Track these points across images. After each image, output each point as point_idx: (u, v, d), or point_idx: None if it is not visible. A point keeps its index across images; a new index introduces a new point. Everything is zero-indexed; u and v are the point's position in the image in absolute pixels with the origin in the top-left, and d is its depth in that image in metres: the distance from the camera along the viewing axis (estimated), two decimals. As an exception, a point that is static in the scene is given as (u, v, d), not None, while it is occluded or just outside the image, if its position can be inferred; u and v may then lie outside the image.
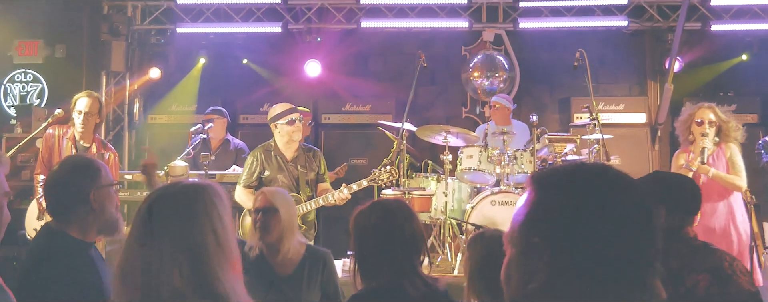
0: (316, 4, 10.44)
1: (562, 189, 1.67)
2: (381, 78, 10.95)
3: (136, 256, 2.32)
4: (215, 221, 2.36)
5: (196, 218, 2.34)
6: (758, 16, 10.23)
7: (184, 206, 2.36)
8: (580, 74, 8.39)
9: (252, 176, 6.77)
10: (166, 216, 2.34)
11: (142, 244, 2.32)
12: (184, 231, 2.31)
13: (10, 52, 10.85)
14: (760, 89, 10.45)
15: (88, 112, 6.91)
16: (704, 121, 6.51)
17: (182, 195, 2.40)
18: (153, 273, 2.26)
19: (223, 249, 2.34)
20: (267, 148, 6.85)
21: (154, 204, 2.38)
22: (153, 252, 2.28)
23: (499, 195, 7.96)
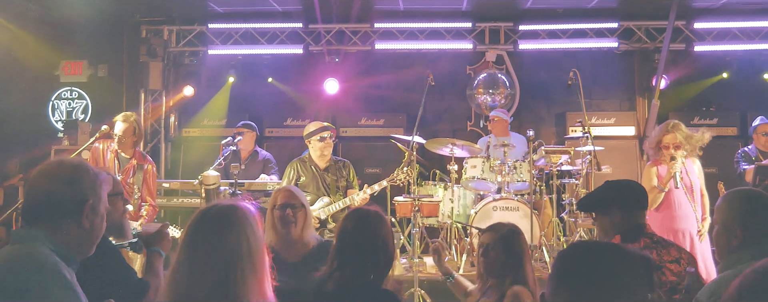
0: (334, 28, 10.51)
1: None
2: (393, 95, 10.96)
3: (182, 262, 2.55)
4: (249, 235, 2.58)
5: (231, 233, 2.56)
6: (737, 38, 10.26)
7: (222, 222, 2.59)
8: (574, 91, 8.45)
9: (290, 183, 6.94)
10: (209, 230, 2.57)
11: (187, 252, 2.55)
12: (221, 243, 2.53)
13: (57, 72, 10.93)
14: (740, 105, 10.45)
15: (122, 135, 7.04)
16: (669, 145, 6.47)
17: (222, 214, 2.62)
18: (193, 275, 2.50)
19: (252, 258, 2.56)
20: (303, 159, 7.19)
21: (199, 220, 2.62)
22: (195, 259, 2.52)
23: (500, 202, 8.08)
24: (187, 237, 2.59)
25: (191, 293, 2.48)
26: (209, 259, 2.50)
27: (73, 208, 2.53)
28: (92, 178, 2.61)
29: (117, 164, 7.18)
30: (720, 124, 10.25)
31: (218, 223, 2.58)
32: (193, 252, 2.54)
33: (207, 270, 2.49)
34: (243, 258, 2.53)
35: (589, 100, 9.61)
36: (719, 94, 10.63)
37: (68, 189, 2.55)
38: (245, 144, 8.79)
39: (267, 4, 9.72)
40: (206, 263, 2.50)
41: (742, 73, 10.54)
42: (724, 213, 3.16)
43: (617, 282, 1.80)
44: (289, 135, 10.41)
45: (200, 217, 2.63)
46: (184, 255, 2.56)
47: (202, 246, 2.54)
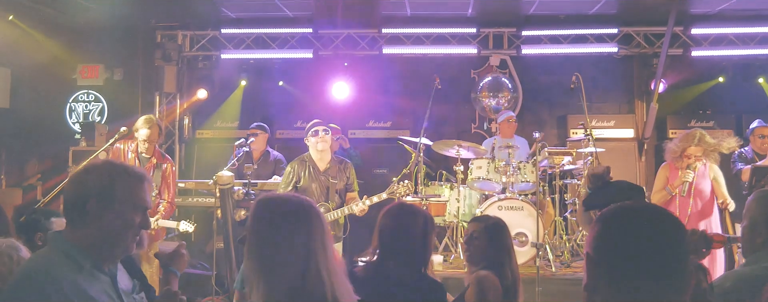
0: (343, 33, 10.55)
1: None
2: (400, 98, 10.92)
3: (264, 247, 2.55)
4: (324, 229, 2.62)
5: (311, 225, 2.59)
6: (733, 43, 10.29)
7: (303, 214, 2.61)
8: (575, 94, 8.48)
9: (289, 185, 6.77)
10: (290, 220, 2.58)
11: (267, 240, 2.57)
12: (302, 233, 2.56)
13: (74, 75, 10.94)
14: (735, 108, 10.48)
15: (147, 139, 7.14)
16: (691, 156, 6.54)
17: (301, 206, 2.64)
18: (277, 260, 2.51)
19: (326, 249, 2.58)
20: (302, 159, 6.87)
21: (277, 210, 2.62)
22: (276, 245, 2.53)
23: (505, 201, 8.08)
24: (271, 228, 2.59)
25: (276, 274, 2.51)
26: (291, 247, 2.53)
27: (78, 208, 2.51)
28: (134, 181, 2.58)
29: (138, 163, 7.24)
30: (716, 127, 10.26)
31: (299, 214, 2.61)
32: (279, 242, 2.55)
33: (289, 256, 2.52)
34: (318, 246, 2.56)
35: (589, 103, 9.59)
36: (716, 98, 10.64)
37: (74, 189, 2.55)
38: (257, 145, 8.85)
39: (278, 10, 9.75)
40: (288, 250, 2.53)
41: (738, 78, 10.55)
42: (753, 210, 3.14)
43: (662, 239, 1.81)
44: (299, 136, 10.29)
45: (279, 208, 2.64)
46: (269, 247, 2.56)
47: (283, 235, 2.57)
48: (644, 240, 1.79)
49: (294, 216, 2.58)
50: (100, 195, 2.52)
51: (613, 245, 1.83)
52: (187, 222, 7.33)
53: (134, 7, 9.52)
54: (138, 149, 7.27)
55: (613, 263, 1.81)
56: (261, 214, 2.62)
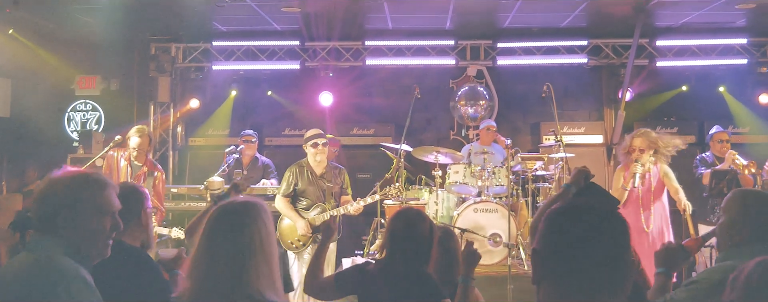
0: (328, 45, 10.57)
1: None
2: (382, 106, 11.01)
3: (201, 254, 2.63)
4: (261, 230, 2.67)
5: (247, 227, 2.65)
6: (696, 54, 10.40)
7: (238, 218, 2.67)
8: (547, 103, 8.51)
9: (289, 188, 6.94)
10: (226, 224, 2.66)
11: (206, 245, 2.64)
12: (237, 236, 2.62)
13: (72, 86, 10.99)
14: (698, 115, 10.57)
15: (136, 147, 7.22)
16: (635, 149, 6.75)
17: (238, 210, 2.71)
18: (211, 266, 2.58)
19: (265, 252, 2.64)
20: (301, 164, 7.04)
21: (218, 216, 2.71)
22: (213, 250, 2.61)
23: (480, 204, 8.12)
24: (205, 232, 2.66)
25: (209, 284, 2.56)
26: (226, 253, 2.58)
27: (48, 221, 2.52)
28: (96, 189, 2.61)
29: (129, 171, 7.31)
30: (680, 133, 10.30)
31: (235, 219, 2.67)
32: (211, 246, 2.61)
33: (224, 262, 2.56)
34: (256, 252, 2.61)
35: (560, 111, 9.67)
36: (679, 106, 10.75)
37: (41, 205, 2.55)
38: (247, 151, 8.89)
39: (266, 24, 9.78)
40: (223, 256, 2.57)
41: (700, 86, 10.68)
42: (732, 209, 3.17)
43: (601, 236, 1.82)
44: (287, 143, 10.47)
45: (218, 213, 2.71)
46: (202, 249, 2.63)
47: (220, 240, 2.61)
48: (584, 237, 1.82)
49: (232, 218, 2.67)
50: (67, 209, 2.54)
51: (555, 241, 1.87)
52: (179, 229, 7.37)
53: (130, 21, 9.51)
54: (130, 157, 7.32)
55: (554, 258, 1.85)
56: (211, 217, 2.72)
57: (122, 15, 9.08)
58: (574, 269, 1.81)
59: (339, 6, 8.89)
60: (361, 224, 8.93)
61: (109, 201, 2.65)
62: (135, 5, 8.72)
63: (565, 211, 1.91)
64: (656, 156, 6.90)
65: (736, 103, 10.51)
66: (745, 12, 9.07)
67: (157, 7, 8.87)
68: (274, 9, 9.01)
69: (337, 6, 8.89)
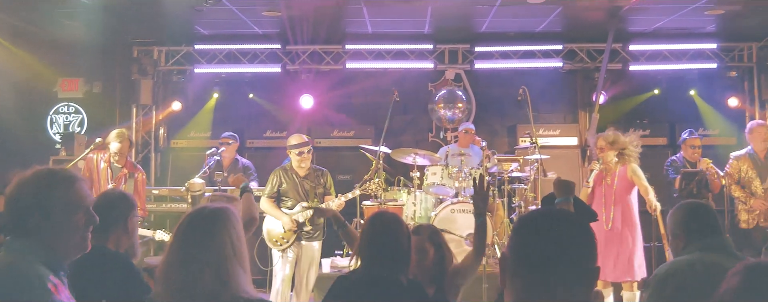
0: (309, 49, 10.57)
1: None
2: (362, 109, 11.01)
3: (175, 260, 2.63)
4: (232, 235, 2.68)
5: (219, 233, 2.66)
6: (667, 59, 10.49)
7: (210, 224, 2.68)
8: (523, 106, 8.60)
9: (273, 189, 7.07)
10: (199, 231, 2.67)
11: (180, 251, 2.64)
12: (211, 242, 2.63)
13: (55, 88, 10.89)
14: (669, 117, 10.64)
15: (117, 152, 7.24)
16: (597, 148, 6.96)
17: (209, 216, 2.71)
18: (190, 271, 2.58)
19: (237, 255, 2.66)
20: (285, 168, 7.20)
21: (189, 223, 2.71)
22: (188, 256, 2.61)
23: (457, 205, 8.19)
24: (179, 237, 2.66)
25: (187, 289, 2.55)
26: (202, 257, 2.58)
27: (20, 224, 2.42)
28: (64, 186, 2.50)
29: (110, 173, 7.30)
30: (652, 135, 10.43)
31: (209, 224, 2.67)
32: (187, 251, 2.61)
33: (200, 267, 2.56)
34: (231, 255, 2.62)
35: (536, 113, 9.71)
36: (651, 108, 10.84)
37: (11, 207, 2.44)
38: (228, 153, 8.88)
39: (248, 28, 9.77)
40: (199, 260, 2.57)
41: (672, 90, 10.79)
42: (671, 224, 3.55)
43: (568, 241, 1.84)
44: (268, 145, 10.45)
45: (191, 219, 2.71)
46: (176, 254, 2.63)
47: (195, 245, 2.61)
48: (550, 244, 1.83)
49: (202, 222, 2.68)
50: (38, 209, 2.44)
51: (522, 245, 1.88)
52: (163, 232, 7.38)
53: (112, 24, 9.45)
54: (110, 159, 7.31)
55: (520, 261, 1.86)
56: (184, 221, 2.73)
57: (105, 18, 9.03)
58: (537, 274, 1.82)
59: (320, 10, 8.89)
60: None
61: (80, 196, 2.54)
62: (117, 9, 8.68)
63: (533, 217, 1.94)
64: (621, 158, 6.97)
65: (706, 106, 10.61)
66: (714, 18, 9.16)
67: (140, 10, 8.83)
68: (256, 13, 9.00)
69: (317, 10, 8.89)
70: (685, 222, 3.46)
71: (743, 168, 8.01)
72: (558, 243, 1.83)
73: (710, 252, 3.33)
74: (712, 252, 3.32)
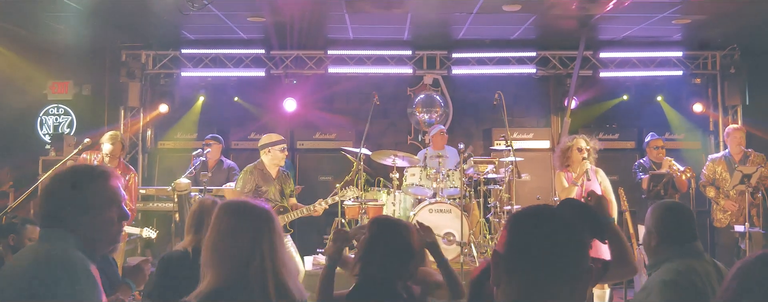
0: (292, 54, 10.53)
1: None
2: (344, 112, 11.00)
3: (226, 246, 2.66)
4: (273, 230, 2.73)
5: (266, 226, 2.71)
6: (636, 66, 10.55)
7: (256, 218, 2.73)
8: (498, 110, 8.59)
9: (245, 187, 6.74)
10: (246, 221, 2.71)
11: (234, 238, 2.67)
12: (261, 233, 2.68)
13: (45, 90, 10.78)
14: (637, 122, 10.71)
15: (109, 153, 7.20)
16: (582, 149, 6.87)
17: (263, 212, 2.76)
18: (245, 256, 2.62)
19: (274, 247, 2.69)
20: (259, 167, 6.87)
21: (236, 213, 2.75)
22: (240, 243, 2.65)
23: (435, 205, 8.20)
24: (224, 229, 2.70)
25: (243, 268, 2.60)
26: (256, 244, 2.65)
27: (55, 217, 2.41)
28: (101, 182, 2.50)
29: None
30: (621, 139, 10.53)
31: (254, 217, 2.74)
32: (238, 240, 2.67)
33: (257, 252, 2.63)
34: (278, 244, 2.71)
35: (511, 117, 9.75)
36: (620, 113, 10.91)
37: (77, 191, 2.44)
38: (213, 154, 8.86)
39: (233, 33, 9.72)
40: (255, 247, 2.64)
41: (640, 96, 10.86)
42: (648, 220, 3.46)
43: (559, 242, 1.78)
44: (253, 147, 10.28)
45: (241, 212, 2.76)
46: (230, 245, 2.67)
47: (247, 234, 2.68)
48: (544, 242, 1.78)
49: (250, 217, 2.70)
50: (74, 204, 2.43)
51: (515, 244, 1.82)
52: (150, 229, 7.33)
53: (101, 28, 9.40)
54: (103, 160, 7.28)
55: (513, 260, 1.80)
56: (222, 215, 2.72)
57: (94, 23, 8.99)
58: (532, 272, 1.77)
59: (303, 17, 8.87)
60: (323, 224, 8.92)
61: (115, 191, 2.54)
62: (106, 13, 8.61)
63: (527, 215, 1.87)
64: (590, 159, 7.01)
65: (673, 112, 10.70)
66: (680, 27, 9.24)
67: (128, 15, 8.77)
68: (241, 18, 8.95)
69: (300, 16, 8.87)
70: (661, 221, 3.40)
71: (718, 170, 8.12)
72: (556, 241, 1.78)
73: (688, 258, 3.27)
74: (689, 258, 3.27)
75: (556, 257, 1.76)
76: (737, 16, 8.62)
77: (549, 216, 1.84)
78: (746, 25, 9.11)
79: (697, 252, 3.32)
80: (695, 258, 3.28)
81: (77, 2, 7.87)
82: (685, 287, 3.10)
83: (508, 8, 8.21)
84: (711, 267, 3.26)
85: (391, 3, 8.09)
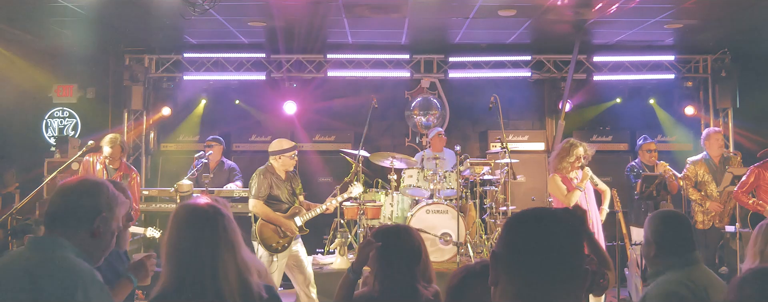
0: (292, 58, 10.54)
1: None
2: (343, 115, 10.98)
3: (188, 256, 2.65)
4: (235, 225, 2.74)
5: (230, 224, 2.72)
6: (629, 70, 10.56)
7: (210, 217, 2.72)
8: (494, 113, 8.60)
9: (264, 191, 6.62)
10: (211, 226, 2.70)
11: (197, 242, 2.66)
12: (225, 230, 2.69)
13: (50, 94, 10.80)
14: (630, 124, 10.70)
15: (108, 156, 7.25)
16: (580, 157, 6.87)
17: (213, 212, 2.74)
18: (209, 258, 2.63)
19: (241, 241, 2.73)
20: (270, 170, 6.76)
21: (189, 218, 2.73)
22: (183, 244, 2.66)
23: (432, 206, 8.21)
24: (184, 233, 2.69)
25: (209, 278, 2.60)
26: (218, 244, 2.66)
27: (87, 219, 2.50)
28: (108, 195, 2.60)
29: (105, 174, 7.32)
30: (614, 141, 10.54)
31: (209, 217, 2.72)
32: (190, 242, 2.67)
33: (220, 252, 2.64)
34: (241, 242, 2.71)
35: (506, 120, 9.74)
36: (614, 116, 10.92)
37: (84, 201, 2.52)
38: (214, 156, 8.86)
39: (235, 37, 9.73)
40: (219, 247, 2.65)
41: (633, 99, 10.88)
42: (647, 230, 3.45)
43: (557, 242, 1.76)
44: (253, 149, 10.43)
45: (190, 215, 2.73)
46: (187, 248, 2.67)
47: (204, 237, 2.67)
48: (542, 242, 1.75)
49: (202, 218, 2.69)
50: (107, 215, 2.57)
51: (514, 244, 1.79)
52: (154, 229, 7.35)
53: (105, 33, 9.41)
54: (105, 162, 7.33)
55: (512, 260, 1.78)
56: (171, 218, 2.74)
57: (98, 28, 9.00)
58: (530, 272, 1.74)
59: (302, 21, 8.88)
60: (322, 224, 8.92)
61: (118, 205, 2.66)
62: (110, 19, 8.62)
63: (525, 216, 1.84)
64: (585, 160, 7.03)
65: (665, 114, 10.72)
66: (672, 31, 9.25)
67: (131, 20, 8.76)
68: (242, 23, 8.96)
69: (300, 21, 8.88)
70: (660, 232, 3.36)
71: (700, 172, 8.10)
72: (554, 242, 1.76)
73: (687, 268, 3.26)
74: (688, 268, 3.25)
75: (554, 258, 1.74)
76: (728, 20, 8.63)
77: (547, 217, 1.82)
78: (737, 29, 9.12)
79: (695, 261, 3.30)
80: (693, 267, 3.27)
81: (82, 8, 7.88)
82: (682, 297, 3.09)
83: (504, 13, 8.23)
84: (709, 277, 3.27)
85: (389, 8, 8.10)
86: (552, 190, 7.10)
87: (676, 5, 7.85)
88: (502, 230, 1.84)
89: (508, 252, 1.79)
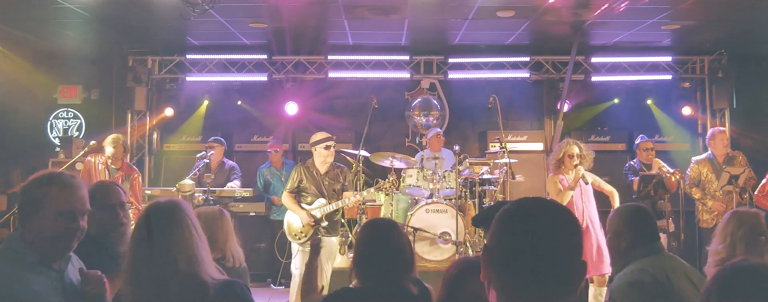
0: (294, 59, 10.49)
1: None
2: (343, 115, 10.95)
3: (143, 254, 2.53)
4: (194, 222, 2.61)
5: (182, 222, 2.57)
6: (626, 71, 10.50)
7: (172, 215, 2.59)
8: (493, 113, 8.56)
9: (294, 185, 6.88)
10: (163, 224, 2.57)
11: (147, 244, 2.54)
12: (177, 232, 2.55)
13: (55, 95, 10.78)
14: (628, 125, 10.64)
15: (111, 156, 7.23)
16: (574, 155, 6.80)
17: (168, 209, 2.61)
18: (161, 262, 2.49)
19: (201, 239, 2.59)
20: (307, 164, 7.00)
21: (151, 218, 2.59)
22: (156, 248, 2.52)
23: (431, 205, 8.16)
24: (142, 234, 2.57)
25: (161, 279, 2.48)
26: (171, 247, 2.51)
27: (22, 213, 2.51)
28: (36, 187, 2.52)
29: (107, 174, 7.31)
30: (612, 141, 10.49)
31: (169, 214, 2.60)
32: (155, 243, 2.54)
33: (172, 256, 2.49)
34: (197, 240, 2.57)
35: (505, 120, 9.67)
36: (611, 116, 10.86)
37: (22, 197, 2.52)
38: (215, 156, 8.85)
39: (236, 39, 9.68)
40: (169, 250, 2.50)
41: (630, 99, 10.81)
42: (615, 222, 3.49)
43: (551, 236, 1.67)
44: (255, 149, 10.40)
45: (150, 214, 2.62)
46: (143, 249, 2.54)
47: (161, 237, 2.54)
48: (536, 237, 1.66)
49: (163, 215, 2.58)
50: (30, 204, 2.50)
51: (507, 239, 1.70)
52: None
53: (108, 35, 9.38)
54: (107, 162, 7.30)
55: (505, 256, 1.69)
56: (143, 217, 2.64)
57: (101, 29, 8.98)
58: (524, 268, 1.66)
59: (303, 23, 8.83)
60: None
61: (72, 204, 2.53)
62: (113, 20, 8.58)
63: (518, 210, 1.75)
64: (583, 164, 6.95)
65: (662, 115, 10.65)
66: (669, 32, 9.20)
67: (134, 22, 8.72)
68: (243, 25, 8.91)
69: (301, 22, 8.83)
70: (633, 223, 3.42)
71: (703, 171, 8.07)
72: (551, 235, 1.68)
73: (654, 255, 3.34)
74: (652, 256, 3.33)
75: (548, 251, 1.65)
76: (725, 21, 8.58)
77: (540, 209, 1.73)
78: (734, 30, 9.07)
79: (658, 249, 3.40)
80: (657, 254, 3.36)
81: (86, 10, 7.84)
82: (648, 284, 3.14)
83: (503, 14, 8.18)
84: (672, 263, 3.33)
85: (388, 9, 8.06)
86: (548, 189, 7.06)
87: (673, 6, 7.80)
88: (494, 225, 1.74)
89: (498, 246, 1.71)
